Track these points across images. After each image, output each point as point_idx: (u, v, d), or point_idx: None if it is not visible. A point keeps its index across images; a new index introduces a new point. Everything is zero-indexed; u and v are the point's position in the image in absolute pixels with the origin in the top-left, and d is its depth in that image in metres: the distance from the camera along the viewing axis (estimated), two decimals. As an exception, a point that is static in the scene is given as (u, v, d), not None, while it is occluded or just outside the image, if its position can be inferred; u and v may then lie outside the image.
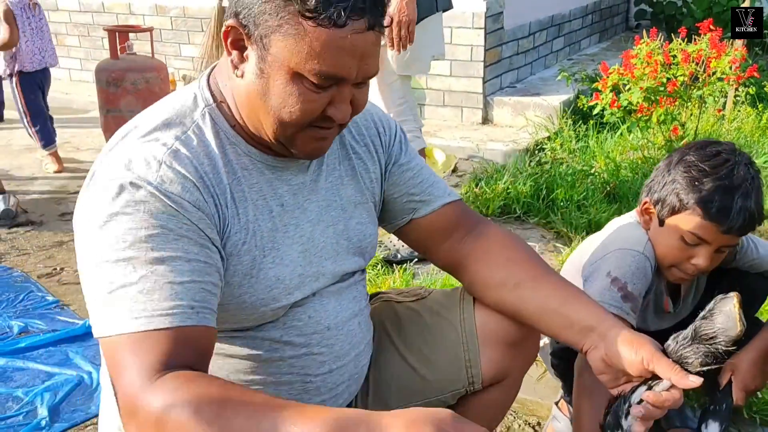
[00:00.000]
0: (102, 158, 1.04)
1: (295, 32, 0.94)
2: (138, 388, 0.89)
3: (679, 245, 1.47)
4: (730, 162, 1.43)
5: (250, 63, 0.99)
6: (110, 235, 0.95)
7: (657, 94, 3.43)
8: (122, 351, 0.92)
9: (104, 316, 0.94)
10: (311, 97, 0.98)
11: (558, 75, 4.57)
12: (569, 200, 3.26)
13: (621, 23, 7.17)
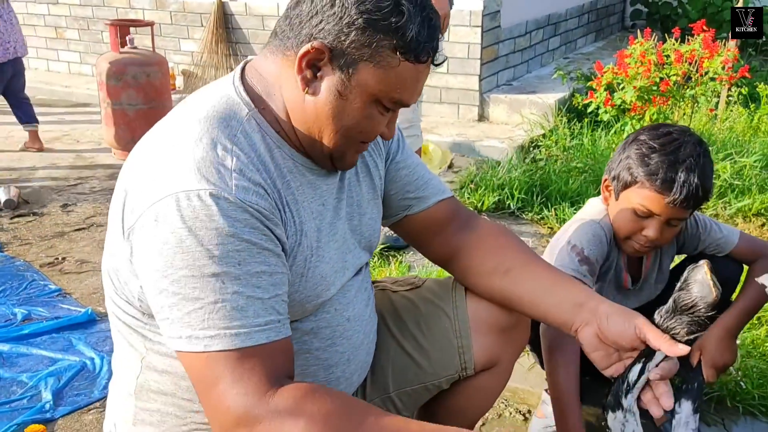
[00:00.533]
0: (155, 164, 1.02)
1: (387, 64, 1.01)
2: (254, 405, 0.92)
3: (631, 217, 1.57)
4: (678, 140, 1.53)
5: (328, 84, 1.03)
6: (195, 250, 0.95)
7: (650, 94, 3.50)
8: (222, 368, 0.94)
9: (195, 332, 0.95)
10: (381, 119, 1.08)
11: (554, 73, 4.63)
12: (563, 197, 3.32)
13: (617, 23, 7.23)
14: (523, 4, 5.08)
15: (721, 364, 1.66)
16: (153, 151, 1.05)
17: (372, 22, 0.99)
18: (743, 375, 1.90)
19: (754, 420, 1.80)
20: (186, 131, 1.03)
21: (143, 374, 1.13)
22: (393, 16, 1.00)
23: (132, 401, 1.16)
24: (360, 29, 1.00)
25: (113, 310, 1.14)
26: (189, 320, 0.95)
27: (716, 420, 1.79)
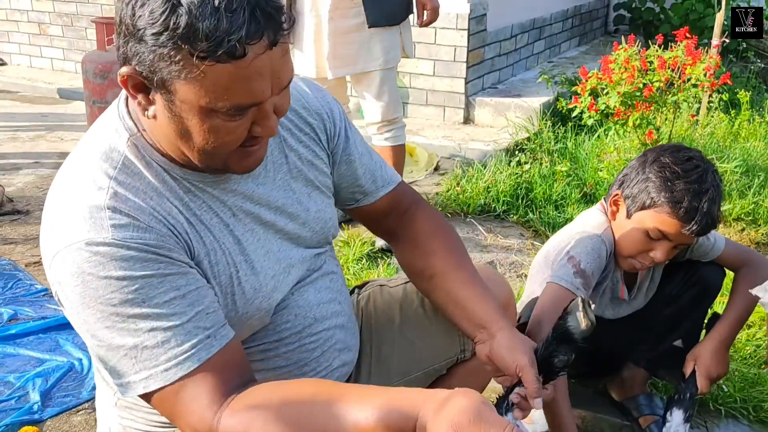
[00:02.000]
0: (48, 220, 1.01)
1: (195, 75, 0.88)
2: (210, 417, 0.96)
3: (642, 238, 1.58)
4: (701, 168, 1.55)
5: (159, 106, 0.95)
6: (94, 303, 0.94)
7: (633, 99, 3.54)
8: (172, 402, 0.97)
9: (132, 378, 0.97)
10: (231, 127, 0.95)
11: (539, 77, 4.67)
12: (547, 199, 3.37)
13: (600, 27, 7.31)
14: (509, 9, 5.12)
15: (715, 375, 1.70)
16: (47, 206, 1.04)
17: (154, 36, 0.87)
18: (725, 378, 1.94)
19: (736, 423, 1.85)
20: (68, 177, 1.02)
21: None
22: (171, 19, 0.86)
23: (116, 412, 1.19)
24: (150, 48, 0.88)
25: None
26: (120, 367, 0.97)
27: (699, 423, 1.83)
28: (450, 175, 3.74)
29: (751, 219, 3.22)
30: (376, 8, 2.68)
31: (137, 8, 0.88)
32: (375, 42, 2.75)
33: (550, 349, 1.15)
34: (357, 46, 2.74)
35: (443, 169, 3.97)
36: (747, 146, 3.90)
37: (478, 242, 3.04)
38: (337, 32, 2.72)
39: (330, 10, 2.69)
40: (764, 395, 1.89)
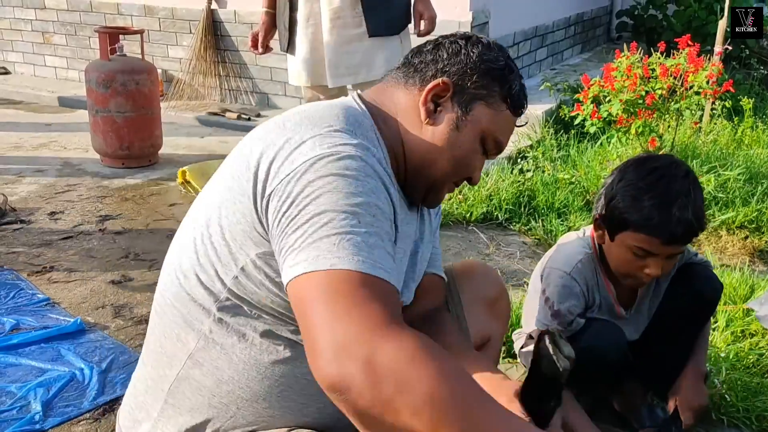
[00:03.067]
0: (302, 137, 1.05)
1: (496, 108, 1.20)
2: (388, 322, 0.89)
3: (630, 257, 1.57)
4: (666, 177, 1.52)
5: (447, 116, 1.19)
6: (340, 188, 0.98)
7: (636, 107, 3.54)
8: (345, 286, 0.91)
9: (322, 253, 0.94)
10: (480, 159, 1.23)
11: (541, 85, 4.67)
12: (550, 207, 3.36)
13: (603, 35, 7.32)
14: (511, 16, 5.13)
15: (696, 406, 1.72)
16: (293, 127, 1.08)
17: (490, 70, 1.19)
18: (728, 388, 1.93)
19: (738, 432, 1.84)
20: (323, 122, 1.08)
21: (185, 370, 1.16)
22: (505, 71, 1.21)
23: (162, 397, 1.18)
24: (480, 74, 1.19)
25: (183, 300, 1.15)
26: (319, 245, 0.95)
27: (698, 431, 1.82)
28: (452, 183, 3.73)
29: (754, 227, 3.21)
30: (376, 18, 2.69)
31: (486, 51, 1.21)
32: (377, 51, 2.76)
33: (533, 398, 1.11)
34: (359, 56, 2.75)
35: (446, 177, 3.97)
36: (750, 153, 3.89)
37: (480, 251, 3.03)
38: (338, 41, 2.73)
39: (331, 19, 2.71)
40: (767, 405, 1.87)
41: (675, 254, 1.57)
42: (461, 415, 0.83)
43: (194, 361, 1.15)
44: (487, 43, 1.23)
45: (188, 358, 1.15)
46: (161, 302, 1.21)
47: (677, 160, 1.61)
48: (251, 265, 1.08)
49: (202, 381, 1.15)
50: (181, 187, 3.75)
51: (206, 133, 4.96)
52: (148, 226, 3.27)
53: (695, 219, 1.51)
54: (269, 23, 2.97)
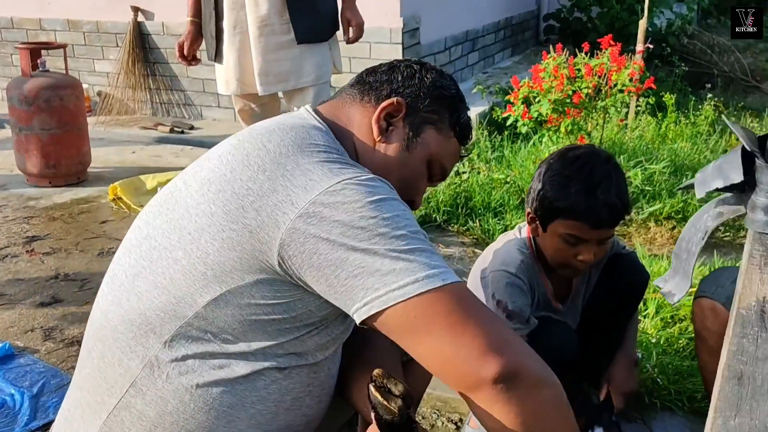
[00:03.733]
0: (300, 170, 1.03)
1: (445, 134, 1.23)
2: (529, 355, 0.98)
3: (563, 246, 1.62)
4: (588, 164, 1.59)
5: (398, 135, 1.20)
6: (389, 215, 0.99)
7: (564, 106, 3.64)
8: (470, 301, 0.99)
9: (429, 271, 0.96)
10: (425, 182, 1.25)
11: (474, 88, 4.75)
12: (486, 207, 3.41)
13: (531, 38, 7.50)
14: (442, 21, 5.20)
15: (627, 391, 1.78)
16: (282, 161, 1.04)
17: (443, 97, 1.23)
18: (660, 372, 2.00)
19: (672, 415, 1.90)
20: (305, 150, 1.06)
21: (126, 398, 1.09)
22: (456, 100, 1.24)
23: (98, 425, 1.11)
24: (433, 99, 1.22)
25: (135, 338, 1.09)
26: (418, 264, 0.96)
27: (636, 417, 1.87)
28: (390, 188, 3.75)
29: (680, 217, 3.33)
30: (304, 24, 2.69)
31: (438, 78, 1.25)
32: (306, 58, 2.75)
33: None
34: (288, 63, 2.74)
35: (383, 182, 3.99)
36: (674, 147, 4.04)
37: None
38: (266, 49, 2.72)
39: (258, 26, 2.69)
40: (697, 386, 1.94)
41: (605, 239, 1.62)
42: None
43: (137, 390, 1.08)
44: (440, 71, 1.26)
45: (131, 386, 1.09)
46: (102, 324, 1.13)
47: (597, 149, 1.68)
48: (244, 289, 1.03)
49: (144, 411, 1.08)
50: (112, 203, 3.65)
51: (137, 147, 4.85)
52: (78, 245, 3.16)
53: (619, 201, 1.56)
54: (194, 32, 2.93)
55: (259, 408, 1.11)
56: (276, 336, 1.07)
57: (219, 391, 1.08)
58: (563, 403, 1.00)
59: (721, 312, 1.47)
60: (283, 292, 1.03)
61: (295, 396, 1.14)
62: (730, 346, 0.61)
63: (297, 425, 1.18)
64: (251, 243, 1.01)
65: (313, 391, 1.16)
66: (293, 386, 1.13)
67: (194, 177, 1.12)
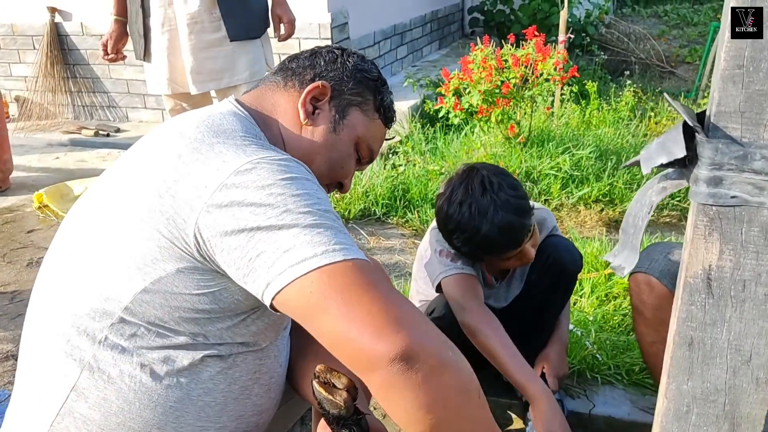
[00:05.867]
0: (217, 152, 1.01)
1: (371, 116, 1.26)
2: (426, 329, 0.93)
3: (497, 264, 1.73)
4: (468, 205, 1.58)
5: (325, 118, 1.22)
6: (299, 192, 0.97)
7: (493, 96, 3.72)
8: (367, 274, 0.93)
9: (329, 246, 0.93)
10: (353, 164, 1.27)
11: (404, 81, 4.80)
12: (424, 199, 3.46)
13: (457, 30, 7.62)
14: (370, 16, 5.22)
15: (561, 373, 1.86)
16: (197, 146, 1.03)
17: (365, 80, 1.26)
18: (598, 348, 2.08)
19: (612, 388, 1.98)
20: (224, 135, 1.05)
21: (69, 404, 1.07)
22: (378, 83, 1.28)
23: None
24: (356, 82, 1.24)
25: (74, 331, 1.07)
26: (320, 239, 0.92)
27: (579, 392, 1.95)
28: (327, 184, 3.75)
29: (608, 200, 3.47)
30: (235, 21, 2.65)
31: (360, 62, 1.28)
32: (239, 55, 2.72)
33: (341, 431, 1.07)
34: (221, 61, 2.70)
35: (320, 178, 3.98)
36: (598, 133, 4.19)
37: (361, 246, 3.07)
38: (197, 47, 2.67)
39: (188, 24, 2.63)
40: (635, 359, 2.03)
41: (530, 236, 1.68)
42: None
43: (78, 394, 1.07)
44: (361, 56, 1.29)
45: (72, 391, 1.07)
46: (35, 333, 1.12)
47: (470, 168, 1.66)
48: (167, 279, 1.01)
49: (88, 415, 1.07)
50: (38, 212, 3.50)
51: (61, 153, 4.66)
52: (5, 256, 3.03)
53: (517, 219, 1.58)
54: (119, 31, 2.84)
55: (207, 400, 1.11)
56: (210, 324, 1.06)
57: (163, 387, 1.07)
58: (471, 390, 0.92)
59: (655, 285, 1.54)
60: (206, 282, 1.02)
61: (243, 385, 1.15)
62: (680, 313, 0.65)
63: (248, 416, 1.18)
64: (169, 230, 0.99)
65: (260, 378, 1.17)
66: (239, 375, 1.13)
67: (114, 176, 1.12)
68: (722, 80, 0.59)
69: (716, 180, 0.60)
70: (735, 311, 0.63)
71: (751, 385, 0.64)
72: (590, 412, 1.89)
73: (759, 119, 0.58)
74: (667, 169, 0.66)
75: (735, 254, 0.61)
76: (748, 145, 0.58)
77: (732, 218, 0.61)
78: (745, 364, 0.64)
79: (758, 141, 0.58)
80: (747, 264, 0.61)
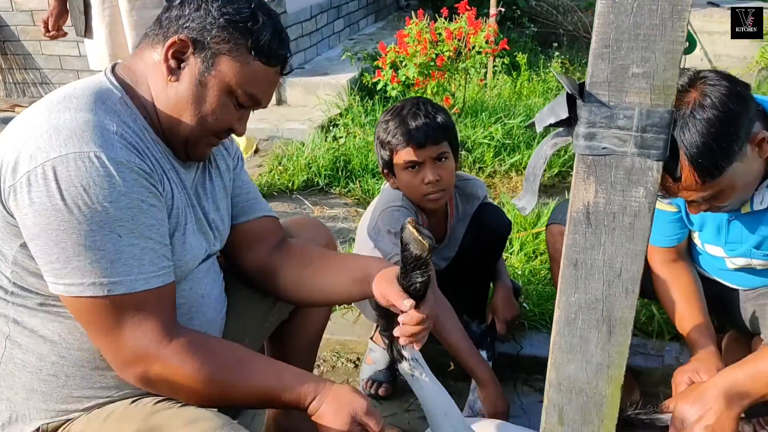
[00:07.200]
0: (41, 133, 1.08)
1: (243, 60, 1.21)
2: (154, 346, 1.12)
3: (411, 178, 1.87)
4: (399, 105, 1.90)
5: (190, 72, 1.20)
6: (93, 206, 1.05)
7: (429, 69, 3.88)
8: (124, 311, 1.10)
9: (99, 279, 1.07)
10: (233, 111, 1.25)
11: (342, 55, 4.91)
12: (365, 169, 3.61)
13: (392, 3, 7.72)
14: (306, -10, 5.28)
15: (509, 318, 2.07)
16: (33, 123, 1.11)
17: (232, 23, 1.20)
18: (525, 297, 2.30)
19: (537, 332, 2.20)
20: (66, 105, 1.12)
21: (8, 352, 1.21)
22: (249, 22, 1.21)
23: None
24: (221, 27, 1.19)
25: None
26: (92, 269, 1.07)
27: (508, 337, 2.16)
28: (271, 156, 3.86)
29: (537, 165, 3.69)
30: (178, -2, 2.70)
31: (225, 5, 1.20)
32: None
33: (408, 278, 1.26)
34: (162, 37, 2.75)
35: (263, 151, 4.08)
36: (529, 103, 4.42)
37: (306, 216, 3.20)
38: (138, 23, 2.71)
39: (129, 0, 2.68)
40: (558, 307, 2.26)
41: (438, 157, 1.86)
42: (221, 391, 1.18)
43: (12, 343, 1.21)
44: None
45: (6, 340, 1.21)
46: None
47: (413, 97, 1.99)
48: (19, 256, 1.14)
49: (25, 359, 1.21)
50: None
51: (-3, 131, 4.60)
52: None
53: (431, 121, 1.84)
54: (59, 7, 2.86)
55: None
56: None
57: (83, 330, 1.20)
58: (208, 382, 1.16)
59: (568, 235, 1.75)
60: None
61: None
62: (567, 241, 0.83)
63: None
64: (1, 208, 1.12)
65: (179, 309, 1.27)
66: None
67: None
68: (593, 57, 0.76)
69: (591, 135, 0.77)
70: (608, 237, 0.81)
71: (622, 294, 0.83)
72: (518, 353, 2.10)
73: (621, 87, 0.75)
74: (558, 128, 0.83)
75: (606, 192, 0.79)
76: (613, 107, 0.76)
77: (603, 165, 0.78)
78: (616, 278, 0.83)
79: (621, 104, 0.76)
80: (615, 200, 0.79)
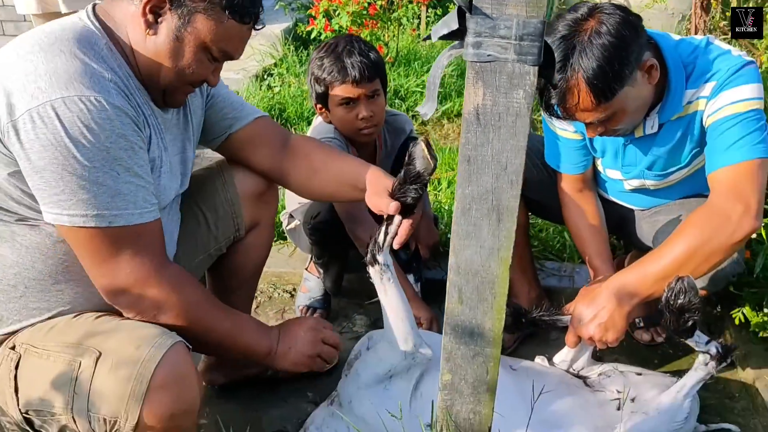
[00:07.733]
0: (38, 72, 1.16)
1: (217, 18, 1.28)
2: (152, 272, 1.27)
3: (344, 114, 1.98)
4: (333, 42, 1.98)
5: (167, 28, 1.27)
6: (95, 146, 1.16)
7: (362, 18, 3.94)
8: (124, 240, 1.23)
9: (101, 211, 1.19)
10: (208, 66, 1.34)
11: (276, 5, 4.89)
12: (300, 116, 3.68)
13: (329, -44, 7.65)
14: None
15: (431, 243, 2.22)
16: (25, 63, 1.17)
17: None
18: (449, 230, 2.44)
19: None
20: (59, 48, 1.19)
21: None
22: None
23: None
24: None
25: None
26: (96, 202, 1.18)
27: (435, 264, 2.31)
28: (205, 105, 3.87)
29: (467, 112, 3.83)
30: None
31: None
32: None
33: (403, 191, 1.38)
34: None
35: (197, 101, 4.08)
36: (460, 53, 4.53)
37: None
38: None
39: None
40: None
41: (371, 94, 1.96)
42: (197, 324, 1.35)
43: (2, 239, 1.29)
44: None
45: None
46: None
47: (345, 35, 2.04)
48: (5, 183, 1.22)
49: (5, 255, 1.29)
50: None
51: None
52: None
53: (365, 58, 1.93)
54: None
55: None
56: None
57: (52, 243, 1.30)
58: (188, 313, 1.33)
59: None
60: None
61: None
62: (461, 140, 0.95)
63: None
64: None
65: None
66: None
67: None
68: (478, -25, 0.87)
69: (478, 44, 0.89)
70: (495, 135, 0.94)
71: (507, 185, 0.96)
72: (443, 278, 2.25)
73: (502, 1, 0.87)
74: (454, 41, 0.94)
75: (492, 95, 0.91)
76: (495, 19, 0.87)
77: (489, 70, 0.90)
78: (503, 171, 0.96)
79: (502, 16, 0.87)
80: (500, 101, 0.91)
